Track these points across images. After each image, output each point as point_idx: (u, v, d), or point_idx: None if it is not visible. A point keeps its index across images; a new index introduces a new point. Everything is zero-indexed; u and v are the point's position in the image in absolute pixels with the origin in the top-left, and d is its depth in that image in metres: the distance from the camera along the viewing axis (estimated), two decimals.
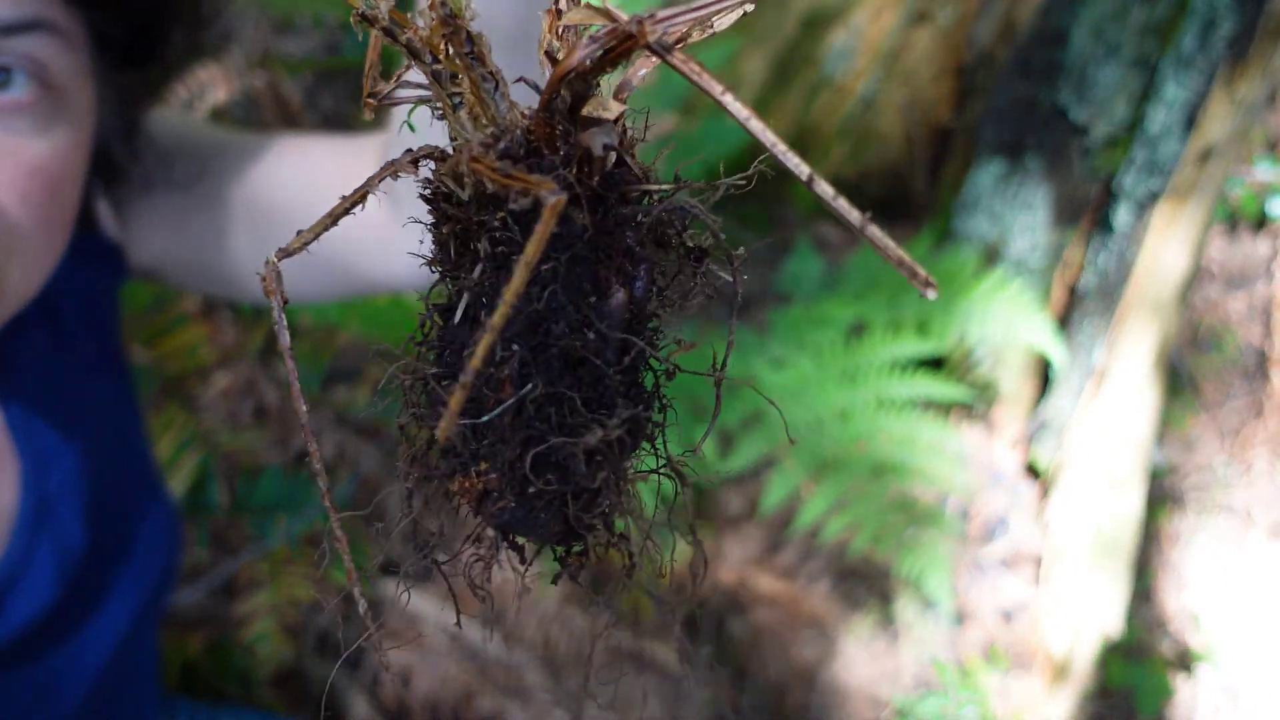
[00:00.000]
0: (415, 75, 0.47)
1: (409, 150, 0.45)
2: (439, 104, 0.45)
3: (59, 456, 0.94)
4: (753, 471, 1.98)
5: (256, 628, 1.75)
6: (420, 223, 0.47)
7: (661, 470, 0.47)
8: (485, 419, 0.43)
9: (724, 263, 0.47)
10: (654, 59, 0.42)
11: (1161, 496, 2.48)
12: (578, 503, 0.44)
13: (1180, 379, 2.70)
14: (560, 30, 0.46)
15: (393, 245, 0.94)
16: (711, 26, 0.44)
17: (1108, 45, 2.12)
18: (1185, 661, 2.30)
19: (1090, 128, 2.18)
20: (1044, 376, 2.35)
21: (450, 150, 0.45)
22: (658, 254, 0.46)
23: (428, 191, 0.46)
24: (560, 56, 0.45)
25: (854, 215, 0.37)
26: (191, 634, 1.80)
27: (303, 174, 1.00)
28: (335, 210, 0.45)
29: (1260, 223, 2.96)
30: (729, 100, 0.39)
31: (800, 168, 0.38)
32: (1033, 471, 2.35)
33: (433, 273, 0.48)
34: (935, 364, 2.25)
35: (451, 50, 0.42)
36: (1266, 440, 2.66)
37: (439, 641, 1.85)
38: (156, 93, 0.99)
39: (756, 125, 0.39)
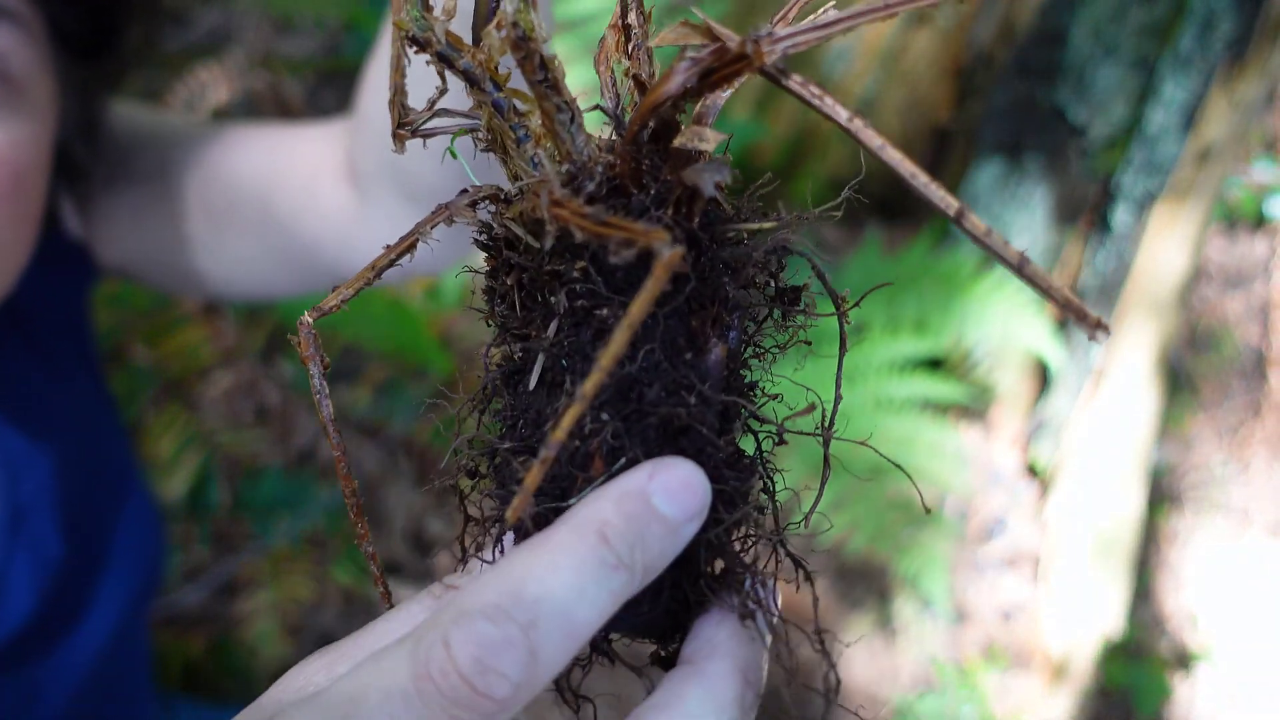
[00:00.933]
0: (452, 100, 0.42)
1: (465, 191, 0.41)
2: (490, 134, 0.40)
3: (32, 465, 0.93)
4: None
5: (258, 627, 1.76)
6: (474, 271, 0.42)
7: (773, 547, 0.43)
8: (573, 501, 0.38)
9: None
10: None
11: (1160, 496, 2.48)
12: (686, 591, 0.40)
13: (1178, 379, 2.70)
14: (633, 48, 0.41)
15: (354, 238, 0.93)
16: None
17: (1106, 46, 2.13)
18: (1184, 661, 2.30)
19: (1089, 128, 2.19)
20: (1042, 376, 2.35)
21: (512, 190, 0.39)
22: (748, 298, 0.42)
23: (485, 237, 0.41)
24: (643, 77, 0.40)
25: (1010, 253, 0.34)
26: (193, 633, 1.81)
27: (262, 165, 0.98)
28: (378, 262, 0.40)
29: (1258, 223, 2.96)
30: (858, 127, 0.35)
31: (947, 201, 0.35)
32: (1031, 471, 2.36)
33: (490, 327, 0.42)
34: (934, 364, 2.26)
35: (523, 77, 0.37)
36: (1264, 439, 2.66)
37: None
38: (115, 86, 0.98)
39: (893, 155, 0.35)
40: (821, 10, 0.36)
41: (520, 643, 0.33)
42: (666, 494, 0.36)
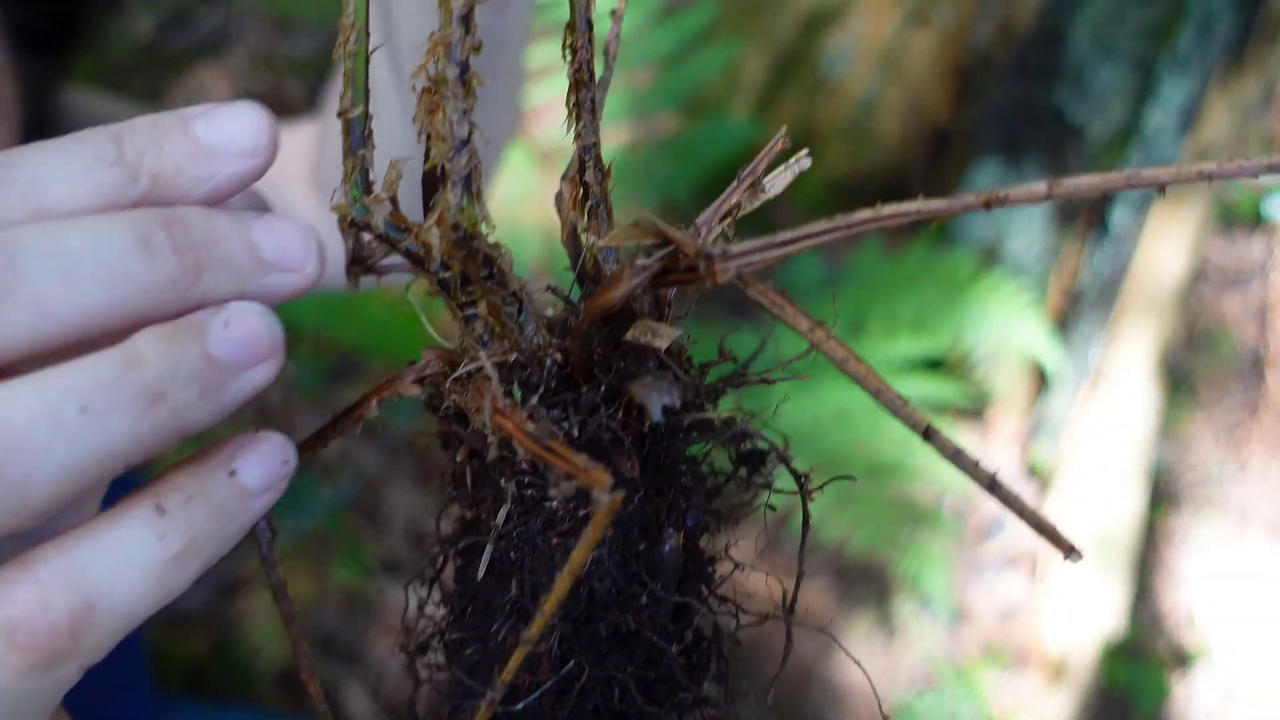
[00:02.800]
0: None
1: (411, 364, 0.39)
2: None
3: None
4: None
5: (259, 627, 1.76)
6: (429, 435, 0.41)
7: None
8: (520, 706, 0.36)
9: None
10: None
11: (1158, 495, 2.49)
12: None
13: (1176, 379, 2.71)
14: (591, 206, 0.40)
15: (281, 198, 0.93)
16: (763, 194, 0.40)
17: (1105, 46, 2.13)
18: (1181, 660, 2.31)
19: (1088, 128, 2.19)
20: (1041, 376, 2.36)
21: (459, 371, 0.38)
22: (705, 476, 0.40)
23: (435, 403, 0.39)
24: (591, 262, 0.39)
25: (981, 474, 0.34)
26: (193, 633, 1.81)
27: None
28: (325, 433, 0.39)
29: (1255, 223, 2.97)
30: (820, 338, 0.34)
31: (916, 420, 0.34)
32: (1030, 471, 2.37)
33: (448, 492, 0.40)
34: (933, 364, 2.26)
35: (468, 272, 0.37)
36: (1262, 439, 2.67)
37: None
38: (66, 77, 0.99)
39: (858, 368, 0.34)
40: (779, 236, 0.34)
41: None
42: (212, 121, 0.35)
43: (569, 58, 0.39)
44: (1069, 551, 0.34)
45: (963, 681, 2.07)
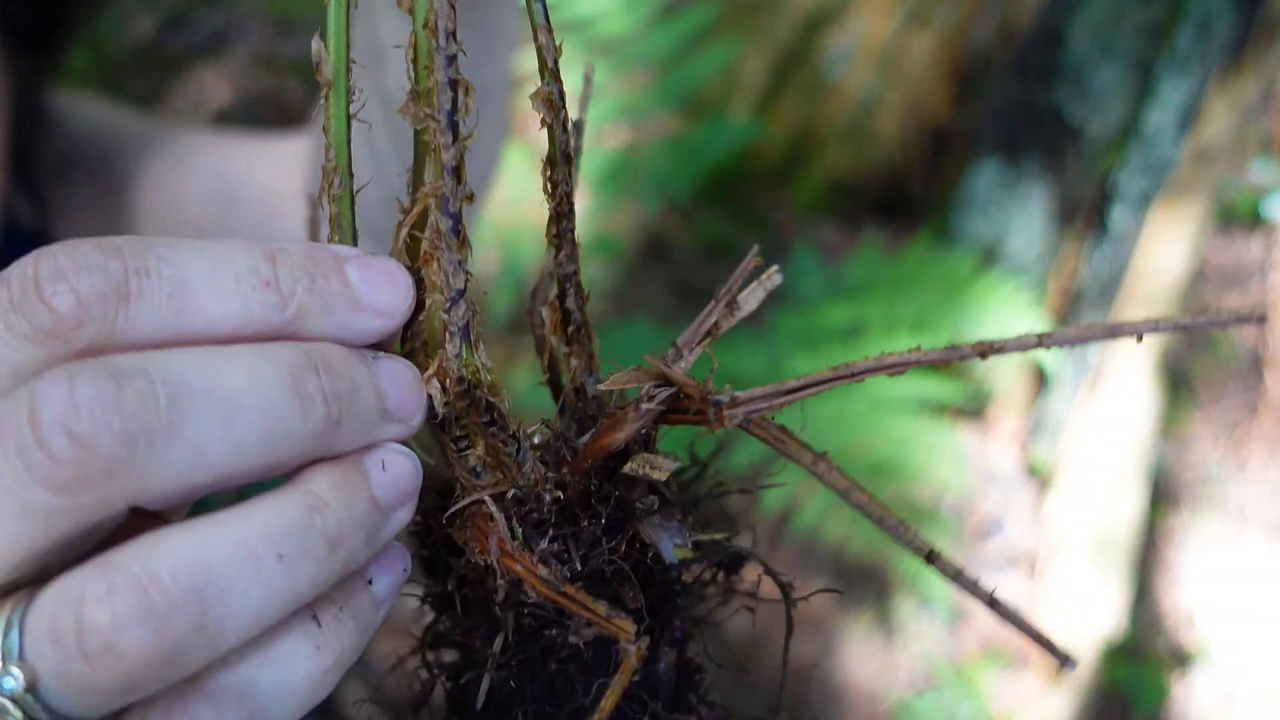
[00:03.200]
0: None
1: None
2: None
3: None
4: (751, 471, 1.99)
5: None
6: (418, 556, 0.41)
7: None
8: None
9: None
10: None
11: (1158, 495, 2.49)
12: None
13: (1176, 379, 2.71)
14: (573, 331, 0.41)
15: (275, 213, 0.94)
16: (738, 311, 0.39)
17: (1104, 47, 2.13)
18: (1181, 660, 2.31)
19: (1087, 128, 2.19)
20: (1041, 376, 2.36)
21: (454, 505, 0.38)
22: (692, 589, 0.40)
23: (424, 533, 0.40)
24: (576, 394, 0.40)
25: (981, 591, 0.34)
26: None
27: (213, 179, 0.97)
28: None
29: (1254, 223, 2.97)
30: (824, 470, 0.35)
31: (919, 544, 0.34)
32: (1030, 470, 2.37)
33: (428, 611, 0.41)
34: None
35: (469, 419, 0.37)
36: (1261, 439, 2.67)
37: None
38: (56, 70, 0.99)
39: (860, 497, 0.35)
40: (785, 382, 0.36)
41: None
42: (365, 270, 0.35)
43: (549, 190, 0.39)
44: (1065, 662, 0.34)
45: (962, 681, 2.07)
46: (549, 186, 0.39)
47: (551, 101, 0.37)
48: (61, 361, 0.31)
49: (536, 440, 0.39)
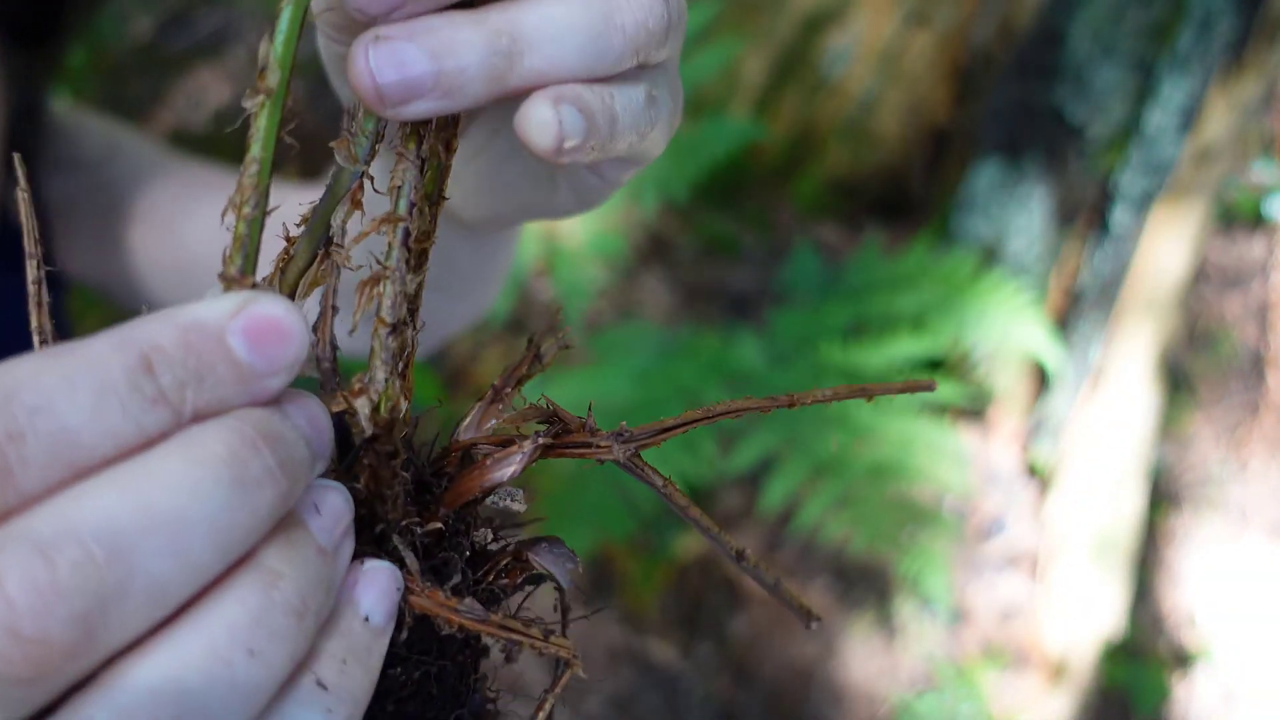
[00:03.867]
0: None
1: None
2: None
3: None
4: (752, 471, 1.99)
5: None
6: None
7: None
8: None
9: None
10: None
11: (1158, 495, 2.49)
12: None
13: (1177, 379, 2.71)
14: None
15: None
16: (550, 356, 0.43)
17: (1105, 46, 2.13)
18: (1182, 660, 2.31)
19: (1088, 128, 2.19)
20: (1041, 376, 2.36)
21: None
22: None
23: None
24: (476, 451, 0.41)
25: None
26: None
27: (220, 228, 0.96)
28: None
29: (1256, 223, 2.97)
30: (671, 490, 0.39)
31: (729, 546, 0.40)
32: (1031, 471, 2.37)
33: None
34: (933, 364, 2.26)
35: (375, 447, 0.38)
36: (1262, 439, 2.67)
37: None
38: (54, 68, 0.98)
39: (694, 514, 0.39)
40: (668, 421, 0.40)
41: None
42: (249, 336, 0.32)
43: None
44: (809, 620, 0.40)
45: (963, 681, 2.07)
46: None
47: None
48: None
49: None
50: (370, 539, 0.38)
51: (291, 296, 0.38)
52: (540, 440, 0.38)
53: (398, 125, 0.39)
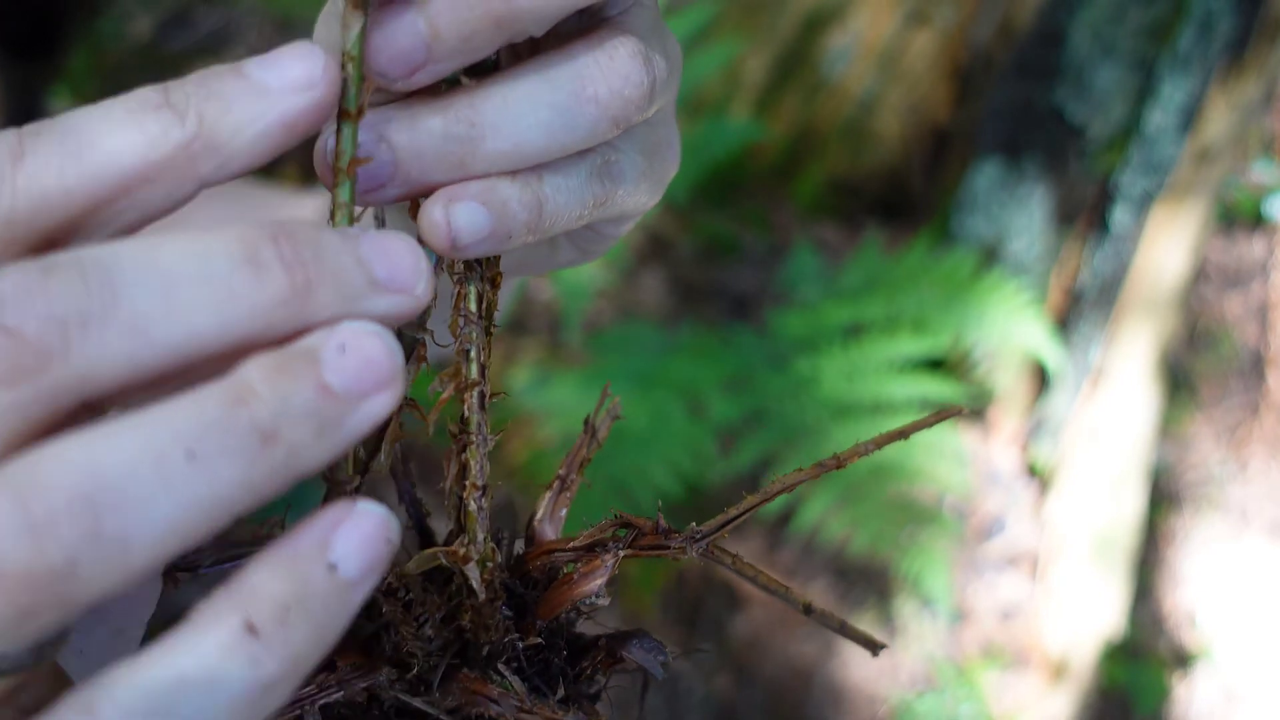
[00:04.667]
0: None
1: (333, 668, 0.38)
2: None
3: None
4: (752, 471, 1.99)
5: None
6: None
7: None
8: None
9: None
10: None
11: (1158, 495, 2.49)
12: None
13: (1177, 378, 2.71)
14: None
15: None
16: None
17: (1105, 46, 2.13)
18: (1182, 660, 2.31)
19: (1088, 128, 2.19)
20: (1042, 376, 2.36)
21: (415, 670, 0.39)
22: None
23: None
24: (566, 562, 0.43)
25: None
26: None
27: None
28: None
29: (1256, 223, 2.97)
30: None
31: (794, 600, 0.42)
32: (1031, 471, 2.37)
33: None
34: (934, 364, 2.26)
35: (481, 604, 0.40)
36: (1263, 439, 2.67)
37: None
38: (54, 78, 0.99)
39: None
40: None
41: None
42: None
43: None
44: (876, 648, 0.41)
45: (963, 681, 2.07)
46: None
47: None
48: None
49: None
50: (477, 661, 0.39)
51: (373, 457, 0.38)
52: (621, 552, 0.40)
53: (454, 284, 0.40)
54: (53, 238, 0.32)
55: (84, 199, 0.31)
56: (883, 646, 0.42)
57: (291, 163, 2.11)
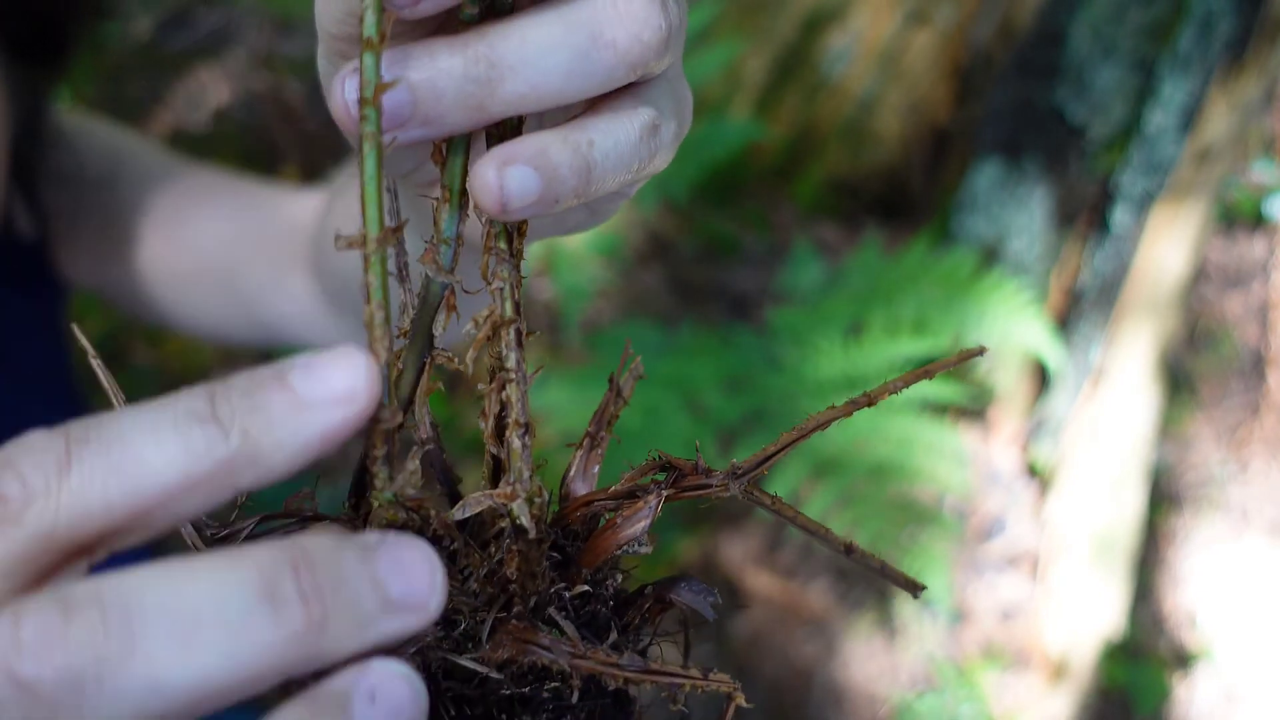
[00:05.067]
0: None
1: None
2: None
3: None
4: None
5: None
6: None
7: None
8: None
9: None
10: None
11: (1158, 495, 2.49)
12: None
13: (1177, 379, 2.71)
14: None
15: (328, 331, 0.92)
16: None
17: (1105, 46, 2.13)
18: (1183, 660, 2.31)
19: (1088, 128, 2.19)
20: (1042, 376, 2.36)
21: (461, 628, 0.39)
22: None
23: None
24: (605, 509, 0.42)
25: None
26: None
27: (227, 234, 0.96)
28: None
29: (1256, 223, 2.97)
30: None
31: (835, 541, 0.42)
32: (1031, 471, 2.36)
33: None
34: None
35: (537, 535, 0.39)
36: (1263, 439, 2.67)
37: None
38: (58, 82, 0.99)
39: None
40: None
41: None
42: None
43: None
44: (917, 589, 0.41)
45: (963, 682, 2.07)
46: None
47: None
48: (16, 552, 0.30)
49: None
50: (524, 614, 0.38)
51: (407, 410, 0.38)
52: (664, 491, 0.40)
53: (484, 224, 0.40)
54: (87, 547, 0.32)
55: (124, 513, 0.31)
56: (923, 588, 0.42)
57: (291, 162, 2.11)
